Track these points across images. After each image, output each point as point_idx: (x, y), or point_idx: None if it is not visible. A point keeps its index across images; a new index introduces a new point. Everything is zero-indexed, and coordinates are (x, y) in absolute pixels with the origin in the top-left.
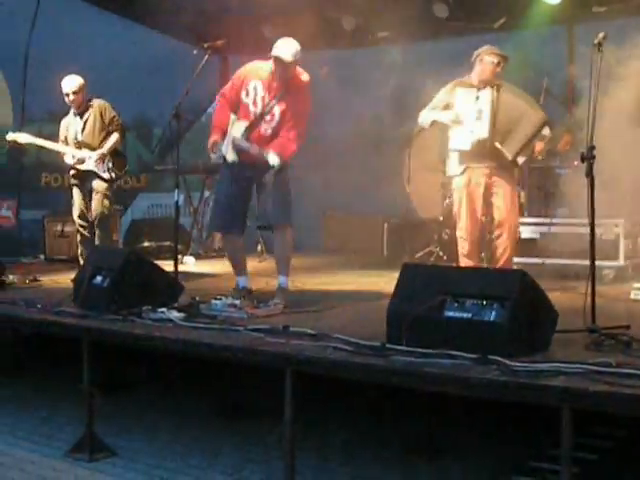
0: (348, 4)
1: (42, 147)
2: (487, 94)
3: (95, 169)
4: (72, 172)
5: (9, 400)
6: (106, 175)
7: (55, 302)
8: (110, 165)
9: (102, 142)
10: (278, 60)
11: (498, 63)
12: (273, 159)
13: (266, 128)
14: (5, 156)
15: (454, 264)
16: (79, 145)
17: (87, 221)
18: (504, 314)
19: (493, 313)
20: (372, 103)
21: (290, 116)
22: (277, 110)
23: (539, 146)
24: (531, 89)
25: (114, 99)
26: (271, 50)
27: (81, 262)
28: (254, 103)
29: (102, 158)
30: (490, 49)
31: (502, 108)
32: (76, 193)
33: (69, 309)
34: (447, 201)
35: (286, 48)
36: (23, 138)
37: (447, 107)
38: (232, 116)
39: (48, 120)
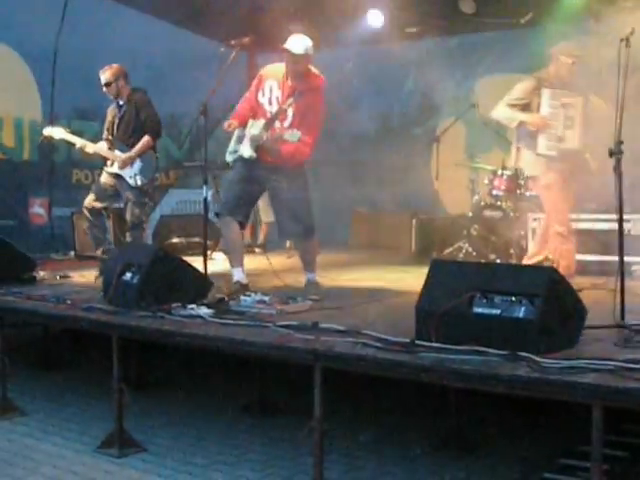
0: (375, 0)
1: (72, 144)
2: (578, 103)
3: (121, 173)
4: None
5: (40, 396)
6: (131, 181)
7: (85, 298)
8: (137, 170)
9: (135, 142)
10: (288, 53)
11: (573, 63)
12: (293, 135)
13: (280, 128)
14: (36, 153)
15: (483, 260)
16: (111, 142)
17: (92, 212)
18: (533, 310)
19: (522, 309)
20: (399, 99)
21: (303, 117)
22: (290, 110)
23: None
24: None
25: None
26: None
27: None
28: (269, 102)
29: (127, 162)
30: (566, 48)
31: (589, 117)
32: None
33: (99, 305)
34: (476, 197)
35: (296, 42)
36: (57, 133)
37: (527, 105)
38: (250, 120)
39: (75, 117)
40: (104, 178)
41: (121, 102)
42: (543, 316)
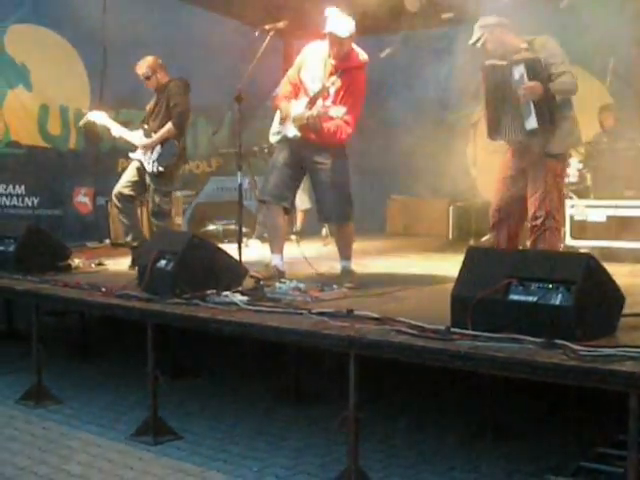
0: None
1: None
2: None
3: (142, 159)
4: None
5: (75, 384)
6: (149, 167)
7: (120, 286)
8: (156, 157)
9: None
10: (333, 36)
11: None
12: (338, 110)
13: (323, 106)
14: (82, 141)
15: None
16: (146, 131)
17: (120, 199)
18: (570, 298)
19: (559, 297)
20: (435, 85)
21: (345, 96)
22: (333, 89)
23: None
24: (598, 70)
25: None
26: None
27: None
28: (312, 81)
29: (147, 147)
30: None
31: None
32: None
33: (133, 293)
34: None
35: (341, 24)
36: (99, 118)
37: None
38: (293, 100)
39: (122, 105)
40: (131, 165)
41: (158, 92)
42: (580, 303)
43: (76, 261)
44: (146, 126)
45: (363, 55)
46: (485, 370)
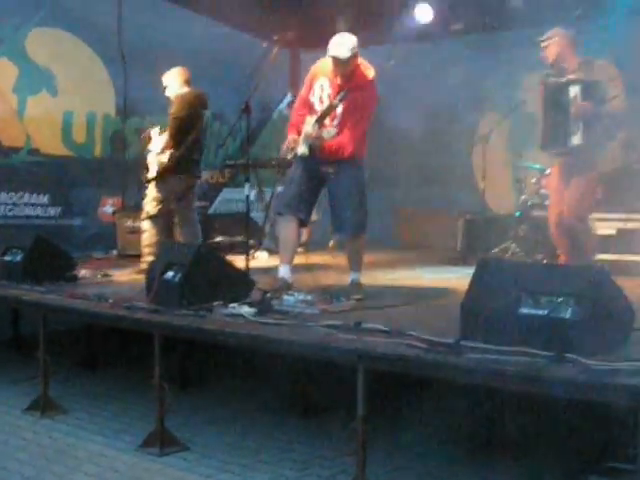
0: None
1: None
2: None
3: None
4: None
5: (82, 394)
6: (148, 175)
7: (127, 297)
8: (154, 167)
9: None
10: (335, 59)
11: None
12: (329, 132)
13: (330, 125)
14: (109, 148)
15: (530, 260)
16: None
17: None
18: (580, 311)
19: (569, 310)
20: (443, 97)
21: (352, 114)
22: (340, 108)
23: None
24: None
25: None
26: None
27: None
28: (320, 101)
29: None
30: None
31: None
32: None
33: (140, 304)
34: (523, 197)
35: (340, 45)
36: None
37: None
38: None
39: (148, 112)
40: None
41: None
42: (590, 317)
43: (82, 272)
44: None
45: (370, 72)
46: (495, 384)
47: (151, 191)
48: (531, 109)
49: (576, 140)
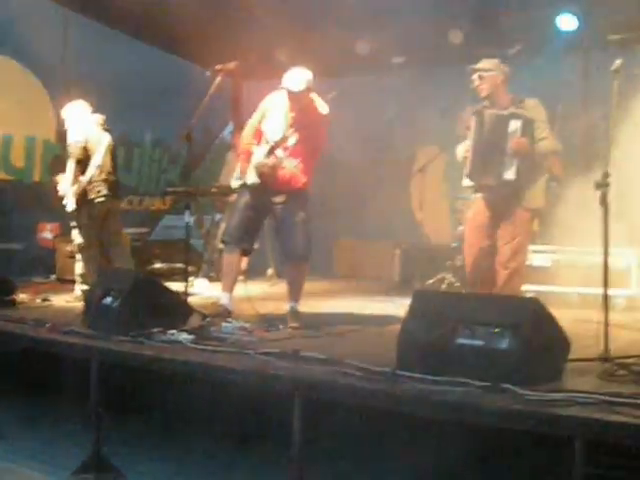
0: (362, 28)
1: None
2: None
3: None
4: None
5: (17, 420)
6: (68, 207)
7: (64, 322)
8: (71, 196)
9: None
10: (289, 92)
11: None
12: (290, 162)
13: (282, 156)
14: (48, 173)
15: (466, 291)
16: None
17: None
18: (516, 342)
19: (505, 341)
20: (383, 129)
21: (304, 148)
22: (292, 140)
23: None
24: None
25: (136, 119)
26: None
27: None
28: (273, 132)
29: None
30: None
31: None
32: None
33: (78, 329)
34: (460, 227)
35: (295, 78)
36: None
37: None
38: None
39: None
40: None
41: None
42: (526, 347)
43: (21, 296)
44: None
45: (324, 108)
46: (431, 414)
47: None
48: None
49: (509, 175)
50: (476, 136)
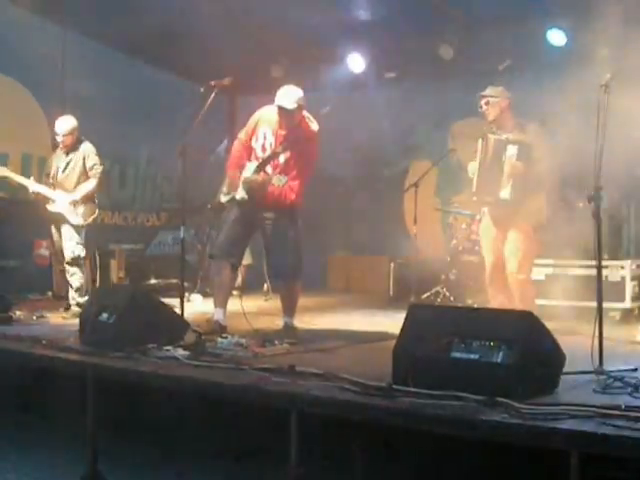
0: (356, 44)
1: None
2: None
3: (64, 212)
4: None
5: (13, 437)
6: (74, 221)
7: (61, 338)
8: (81, 211)
9: (77, 186)
10: (281, 108)
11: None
12: (279, 179)
13: (271, 172)
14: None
15: (461, 305)
16: (54, 185)
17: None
18: (511, 356)
19: (500, 354)
20: (376, 144)
21: (294, 165)
22: (282, 158)
23: None
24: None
25: (131, 135)
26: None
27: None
28: (262, 149)
29: (73, 203)
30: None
31: None
32: (53, 231)
33: (74, 346)
34: (454, 241)
35: (287, 96)
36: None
37: None
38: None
39: None
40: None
41: (67, 150)
42: (521, 361)
43: (17, 313)
44: (53, 179)
45: (315, 125)
46: (427, 428)
47: (72, 235)
48: (459, 156)
49: (504, 194)
50: (481, 158)
